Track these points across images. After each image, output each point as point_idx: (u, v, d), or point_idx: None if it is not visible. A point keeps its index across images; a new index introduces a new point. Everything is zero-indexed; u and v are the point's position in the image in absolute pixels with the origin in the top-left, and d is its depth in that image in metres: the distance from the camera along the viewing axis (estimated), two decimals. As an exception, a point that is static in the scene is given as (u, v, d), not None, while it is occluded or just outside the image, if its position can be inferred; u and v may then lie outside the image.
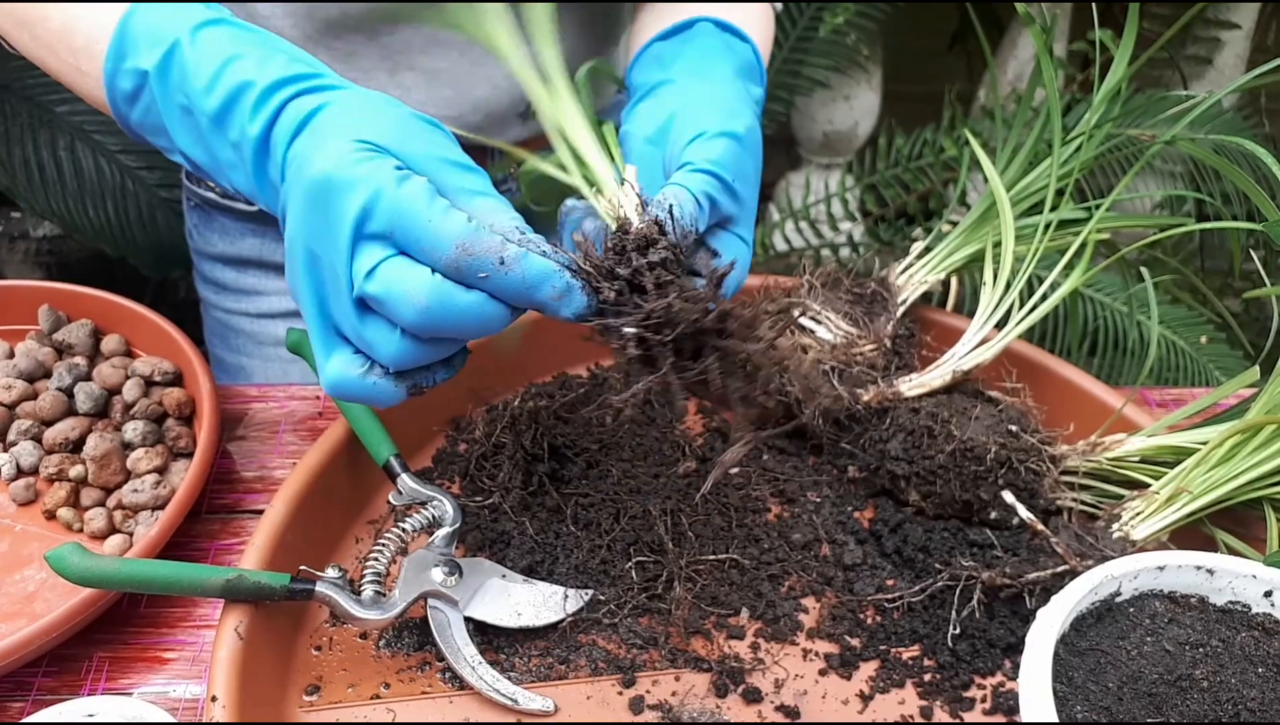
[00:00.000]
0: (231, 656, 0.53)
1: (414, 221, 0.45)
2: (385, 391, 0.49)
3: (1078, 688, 0.46)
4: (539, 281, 0.47)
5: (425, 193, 0.45)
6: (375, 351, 0.47)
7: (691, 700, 0.58)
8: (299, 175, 0.46)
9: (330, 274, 0.46)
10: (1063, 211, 0.72)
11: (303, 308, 0.48)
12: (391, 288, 0.45)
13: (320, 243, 0.46)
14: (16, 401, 0.71)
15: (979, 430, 0.65)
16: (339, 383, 0.48)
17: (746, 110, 0.62)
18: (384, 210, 0.44)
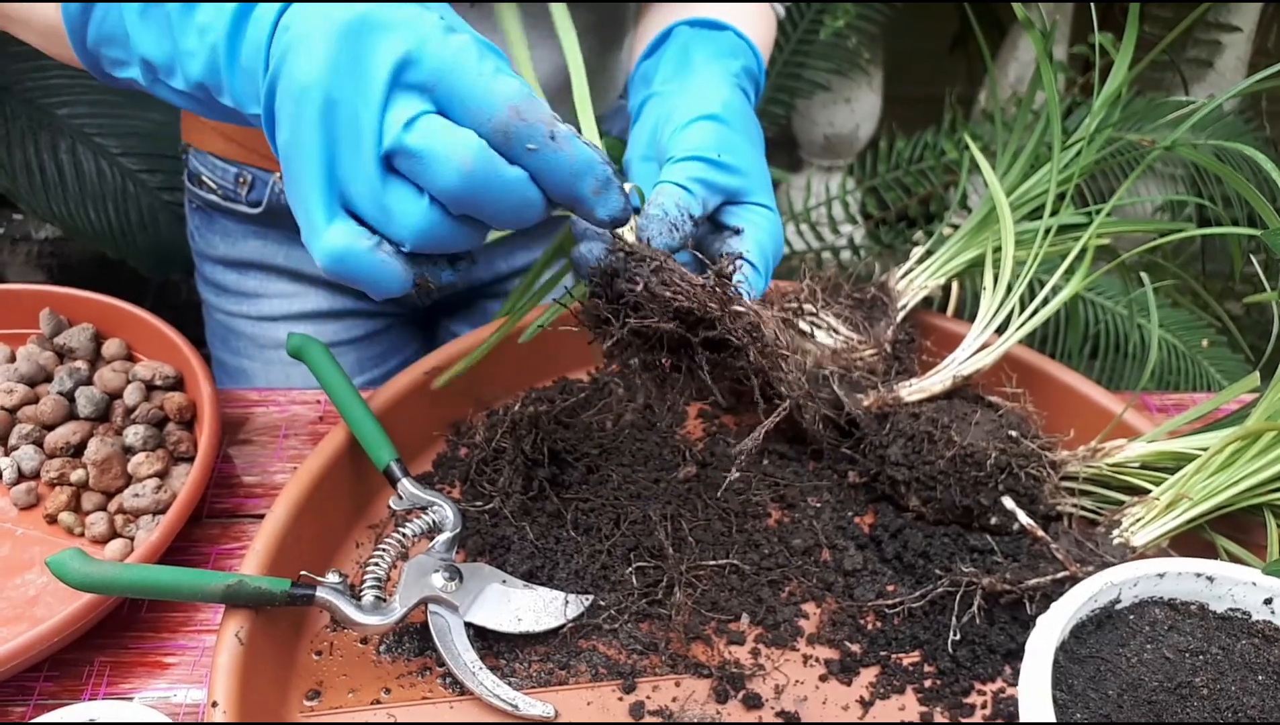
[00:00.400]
0: (232, 662, 0.53)
1: (463, 76, 0.40)
2: (393, 273, 0.43)
3: (1078, 695, 0.46)
4: (585, 169, 0.43)
5: (474, 49, 0.41)
6: (394, 221, 0.42)
7: (692, 706, 0.58)
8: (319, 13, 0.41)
9: (349, 126, 0.41)
10: (1063, 217, 0.72)
11: (301, 166, 0.42)
12: (434, 143, 0.40)
13: (345, 87, 0.40)
14: (18, 405, 0.71)
15: (979, 436, 0.65)
16: (342, 255, 0.42)
17: (722, 86, 0.61)
18: (430, 59, 0.40)
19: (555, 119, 0.42)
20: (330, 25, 0.40)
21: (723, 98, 0.60)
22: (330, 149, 0.41)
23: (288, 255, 0.98)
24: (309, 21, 0.41)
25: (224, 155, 0.92)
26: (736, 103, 0.61)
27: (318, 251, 0.42)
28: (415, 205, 0.42)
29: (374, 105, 0.40)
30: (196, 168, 0.96)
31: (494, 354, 0.75)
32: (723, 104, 0.59)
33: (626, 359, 0.54)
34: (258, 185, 0.92)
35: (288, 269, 0.98)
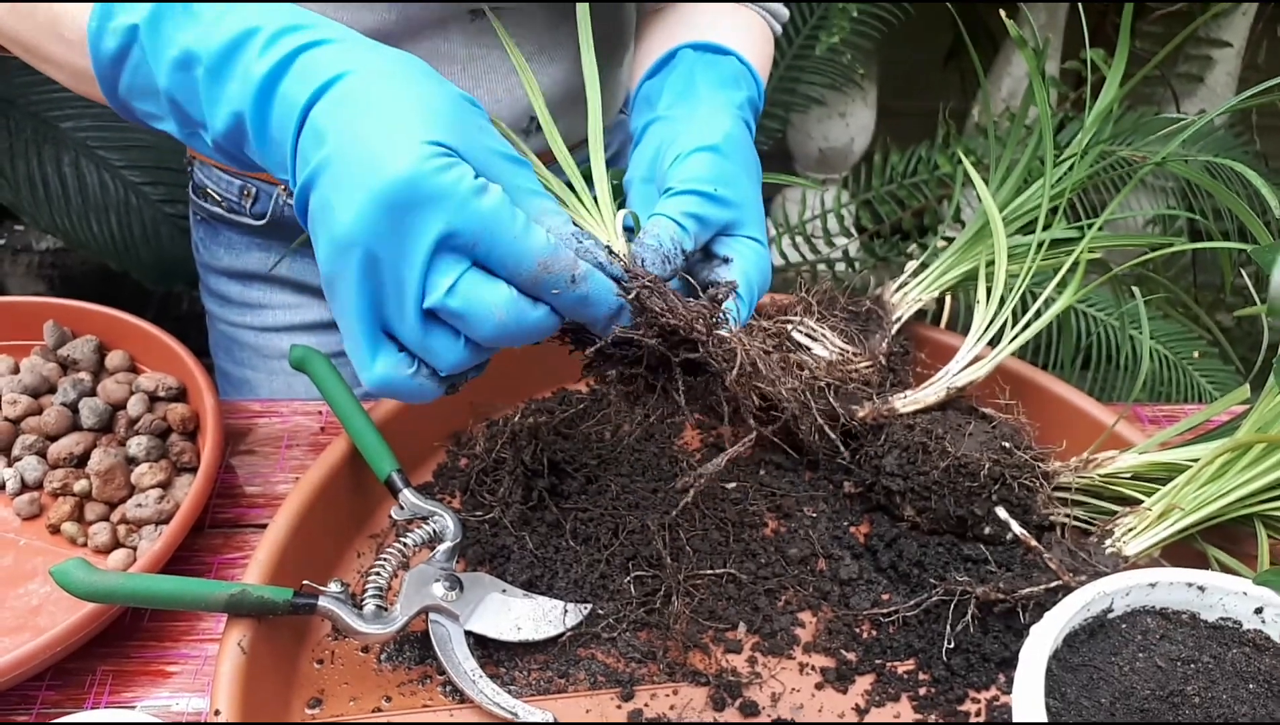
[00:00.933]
0: (234, 670, 0.53)
1: (500, 239, 0.44)
2: (429, 390, 0.49)
3: (1070, 703, 0.47)
4: (600, 300, 0.48)
5: (507, 207, 0.45)
6: (434, 358, 0.47)
7: (689, 714, 0.59)
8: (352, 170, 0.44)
9: (393, 281, 0.45)
10: (1055, 231, 0.73)
11: (345, 304, 0.46)
12: (472, 303, 0.45)
13: (389, 250, 0.44)
14: (21, 416, 0.72)
15: (973, 447, 0.66)
16: (388, 382, 0.47)
17: (725, 118, 0.63)
18: (468, 228, 0.44)
19: (578, 260, 0.47)
20: (370, 190, 0.43)
21: (725, 129, 0.61)
22: (374, 295, 0.45)
23: (291, 266, 0.98)
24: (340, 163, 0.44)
25: (228, 168, 0.93)
26: (737, 134, 0.62)
27: (366, 379, 0.48)
28: (453, 346, 0.47)
29: (417, 269, 0.44)
30: (201, 180, 0.96)
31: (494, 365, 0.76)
32: (724, 136, 0.61)
33: (606, 371, 0.55)
34: (262, 198, 0.93)
35: (291, 280, 0.99)
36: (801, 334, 0.72)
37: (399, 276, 0.44)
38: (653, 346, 0.52)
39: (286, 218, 0.93)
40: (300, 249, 0.97)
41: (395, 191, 0.43)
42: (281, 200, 0.93)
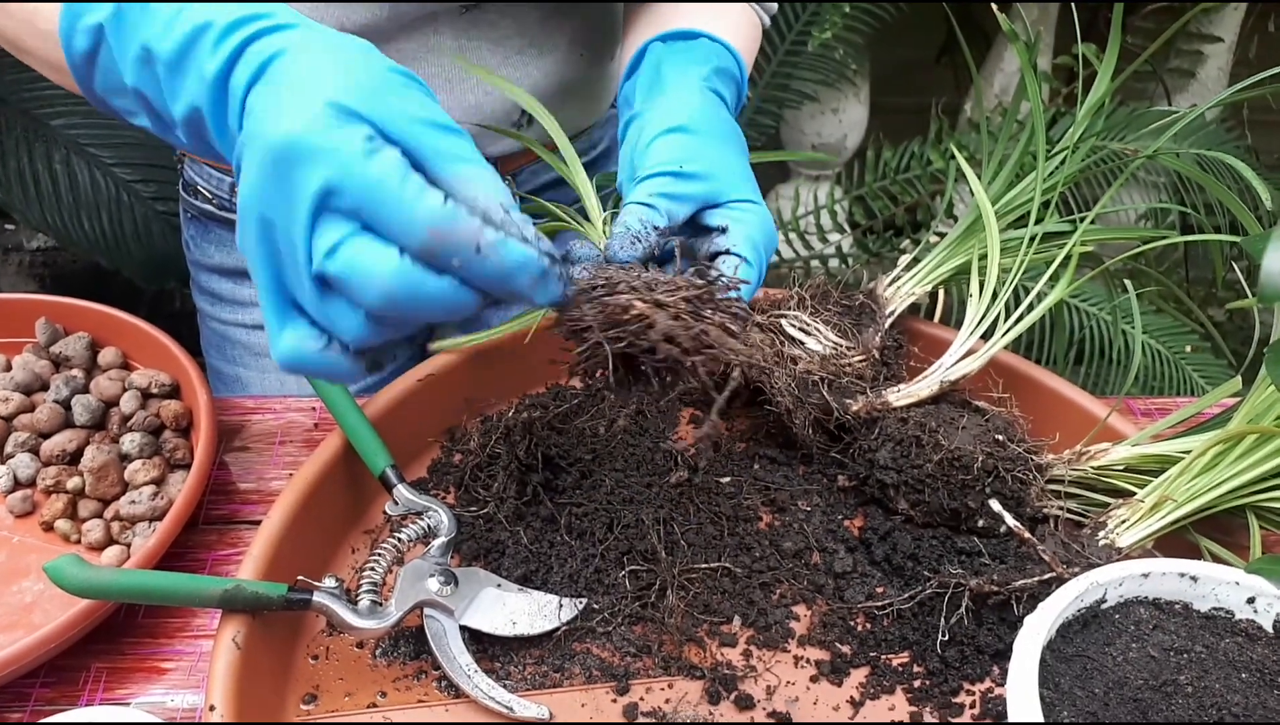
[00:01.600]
0: (229, 666, 0.53)
1: (384, 201, 0.42)
2: (343, 367, 0.47)
3: (1064, 693, 0.47)
4: (516, 270, 0.44)
5: (398, 169, 0.42)
6: (336, 328, 0.45)
7: (684, 708, 0.59)
8: (256, 133, 0.43)
9: (287, 245, 0.43)
10: (1048, 225, 0.73)
11: (254, 274, 0.45)
12: (354, 269, 0.42)
13: (277, 212, 0.43)
14: (14, 414, 0.71)
15: (966, 439, 0.66)
16: (295, 357, 0.45)
17: (690, 95, 0.64)
18: (351, 187, 0.42)
19: (484, 226, 0.43)
20: (260, 148, 0.42)
21: (690, 107, 0.61)
22: (273, 261, 0.44)
23: None
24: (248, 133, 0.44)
25: (219, 166, 0.93)
26: (705, 108, 0.63)
27: (275, 354, 0.46)
28: (351, 317, 0.44)
29: (302, 231, 0.42)
30: (192, 178, 0.96)
31: (488, 360, 0.76)
32: (689, 114, 0.61)
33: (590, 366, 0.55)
34: None
35: None
36: (794, 328, 0.72)
37: (290, 238, 0.43)
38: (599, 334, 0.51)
39: None
40: None
41: (279, 148, 0.42)
42: None
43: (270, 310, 0.45)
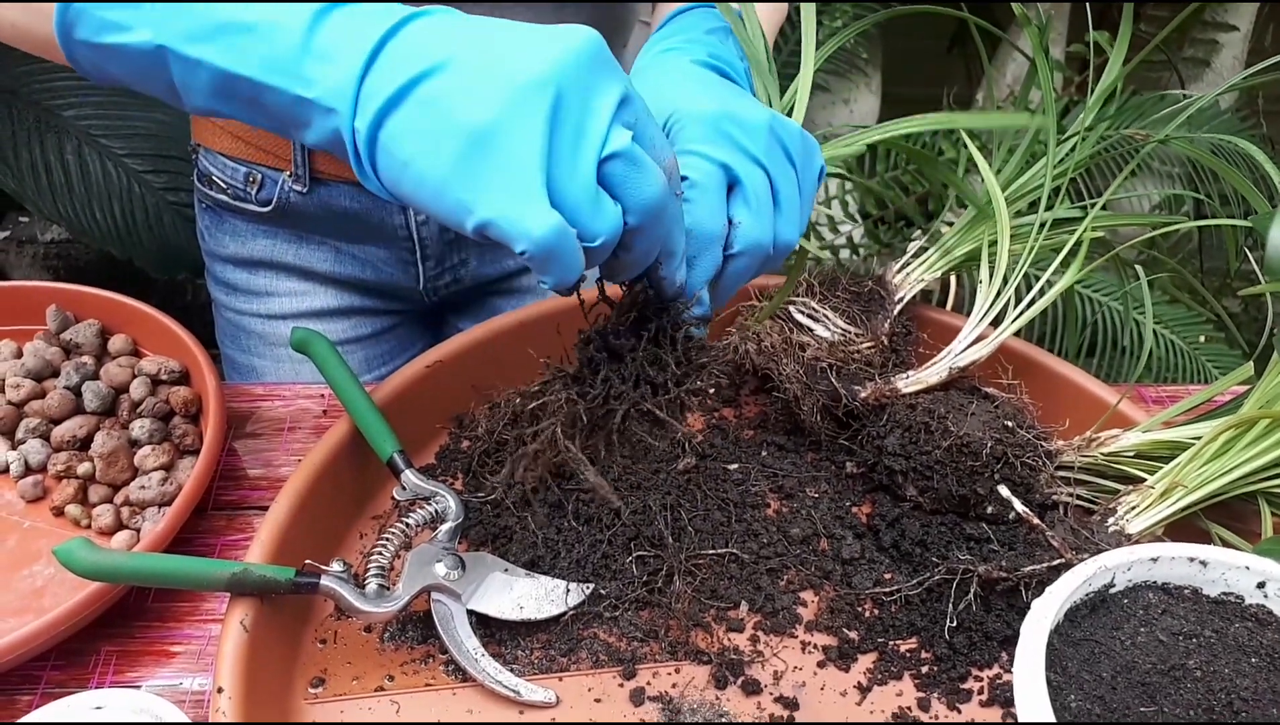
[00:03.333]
0: (237, 649, 0.53)
1: (651, 123, 0.48)
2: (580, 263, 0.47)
3: (1072, 677, 0.47)
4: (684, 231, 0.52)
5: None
6: (601, 218, 0.46)
7: (691, 692, 0.59)
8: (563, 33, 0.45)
9: (575, 131, 0.45)
10: (1058, 210, 0.73)
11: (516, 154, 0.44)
12: (643, 158, 0.46)
13: (578, 98, 0.44)
14: (25, 400, 0.72)
15: (975, 426, 0.66)
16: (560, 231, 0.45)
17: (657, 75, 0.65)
18: (637, 103, 0.47)
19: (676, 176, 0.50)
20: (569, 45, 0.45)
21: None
22: (551, 142, 0.44)
23: (297, 253, 0.98)
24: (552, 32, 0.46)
25: (234, 155, 0.93)
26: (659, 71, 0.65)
27: (539, 224, 0.44)
28: (615, 211, 0.46)
29: (604, 119, 0.45)
30: (206, 168, 0.96)
31: (495, 348, 0.76)
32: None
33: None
34: (267, 184, 0.93)
35: (297, 267, 0.99)
36: (803, 314, 0.72)
37: (582, 123, 0.45)
38: None
39: (292, 205, 0.93)
40: (306, 236, 0.97)
41: (593, 48, 0.45)
42: (288, 186, 0.93)
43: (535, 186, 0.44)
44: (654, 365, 0.55)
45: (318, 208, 0.93)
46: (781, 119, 0.59)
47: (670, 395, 0.56)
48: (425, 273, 1.00)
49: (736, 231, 0.56)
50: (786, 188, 0.58)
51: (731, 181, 0.56)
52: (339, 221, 0.95)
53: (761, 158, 0.57)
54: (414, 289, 1.01)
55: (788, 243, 0.58)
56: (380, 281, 1.00)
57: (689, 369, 0.56)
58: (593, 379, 0.56)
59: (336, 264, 0.99)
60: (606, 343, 0.55)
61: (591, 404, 0.56)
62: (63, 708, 0.56)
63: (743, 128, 0.57)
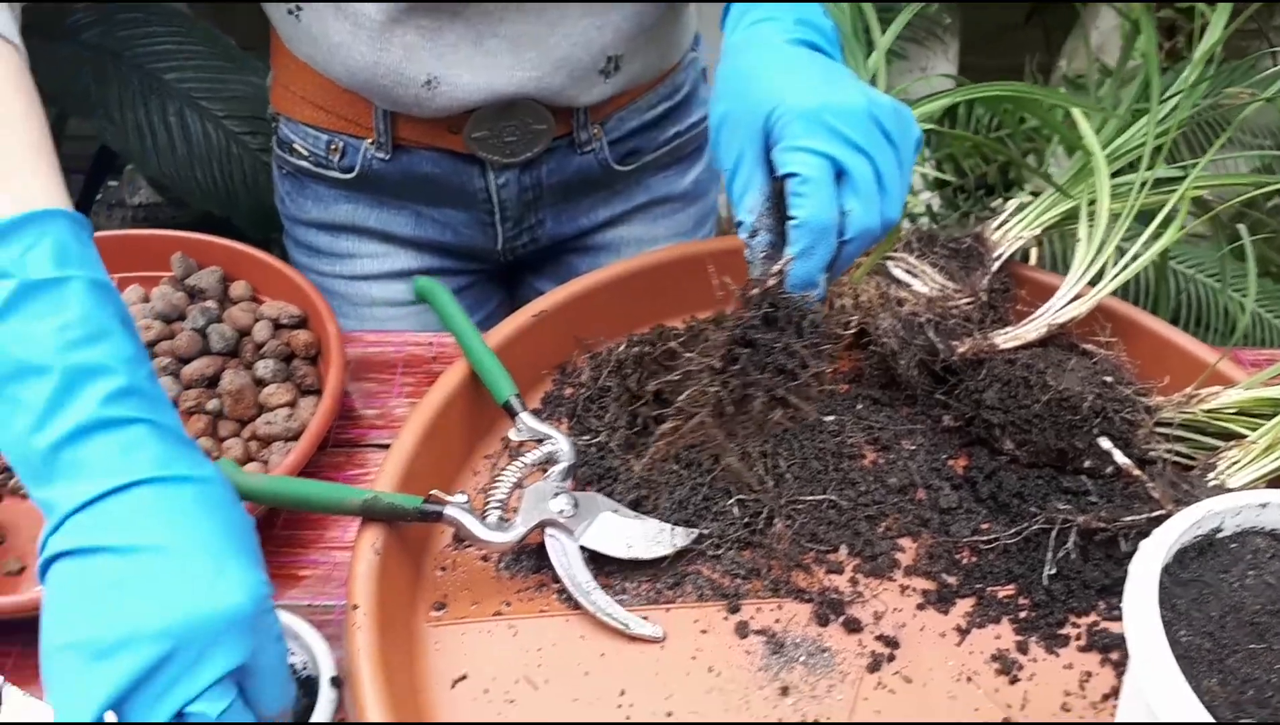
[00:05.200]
0: (369, 570, 0.57)
1: None
2: None
3: (1181, 614, 0.48)
4: None
5: None
6: None
7: (794, 627, 0.61)
8: None
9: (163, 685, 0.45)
10: (1159, 170, 0.73)
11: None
12: None
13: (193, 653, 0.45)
14: (155, 341, 0.76)
15: (1074, 381, 0.67)
16: None
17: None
18: None
19: None
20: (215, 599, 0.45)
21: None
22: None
23: (378, 218, 1.01)
24: None
25: (315, 123, 0.95)
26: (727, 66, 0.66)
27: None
28: None
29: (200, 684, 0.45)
30: (287, 135, 0.99)
31: (597, 301, 0.79)
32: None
33: None
34: (349, 152, 0.95)
35: (379, 231, 1.02)
36: (901, 270, 0.73)
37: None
38: None
39: (375, 171, 0.95)
40: (387, 200, 0.99)
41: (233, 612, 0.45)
42: (370, 154, 0.96)
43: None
44: (786, 353, 0.58)
45: (400, 174, 0.95)
46: (877, 99, 0.61)
47: (800, 380, 0.59)
48: (504, 234, 1.02)
49: (849, 219, 0.59)
50: (889, 169, 0.60)
51: (839, 171, 0.59)
52: (420, 186, 0.97)
53: (864, 145, 0.59)
54: (492, 250, 1.03)
55: (892, 221, 0.61)
56: (459, 243, 1.03)
57: (814, 353, 0.59)
58: (732, 368, 0.60)
59: (417, 227, 1.01)
60: (745, 335, 0.58)
61: (733, 392, 0.60)
62: None
63: (843, 117, 0.59)
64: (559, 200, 1.00)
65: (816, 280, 0.59)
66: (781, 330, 0.59)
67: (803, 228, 0.58)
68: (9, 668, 0.60)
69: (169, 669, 0.44)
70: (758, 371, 0.59)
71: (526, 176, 0.95)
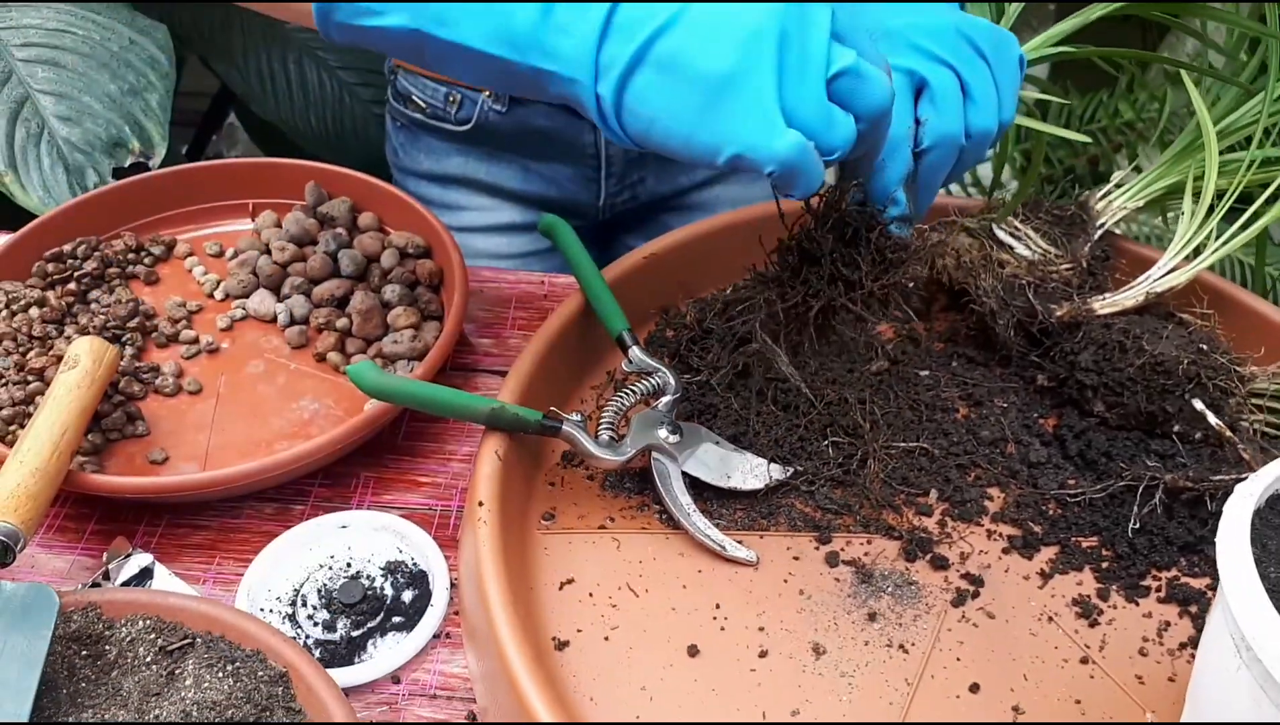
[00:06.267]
0: (493, 472, 0.61)
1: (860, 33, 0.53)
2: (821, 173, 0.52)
3: (1272, 554, 0.50)
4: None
5: None
6: (835, 130, 0.51)
7: (882, 561, 0.64)
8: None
9: (799, 58, 0.49)
10: (1269, 150, 0.74)
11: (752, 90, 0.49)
12: (867, 73, 0.51)
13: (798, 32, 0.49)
14: (288, 262, 0.81)
15: (1169, 347, 0.69)
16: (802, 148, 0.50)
17: None
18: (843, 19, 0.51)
19: None
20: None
21: None
22: (781, 76, 0.50)
23: (489, 171, 1.06)
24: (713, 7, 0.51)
25: (435, 77, 1.00)
26: None
27: (782, 145, 0.50)
28: (847, 122, 0.51)
29: (824, 43, 0.50)
30: (406, 88, 1.04)
31: (702, 248, 0.82)
32: None
33: None
34: (466, 104, 1.00)
35: (488, 184, 1.06)
36: (1005, 233, 0.76)
37: (805, 53, 0.49)
38: None
39: (490, 124, 1.00)
40: (498, 153, 1.03)
41: None
42: (488, 106, 1.00)
43: (773, 116, 0.50)
44: (848, 265, 0.60)
45: (514, 126, 1.00)
46: (970, 18, 0.63)
47: (865, 290, 0.61)
48: (606, 189, 1.06)
49: (925, 129, 0.61)
50: (978, 80, 0.61)
51: (920, 85, 0.61)
52: (533, 139, 1.01)
53: (948, 56, 0.61)
54: (593, 205, 1.07)
55: (985, 130, 0.62)
56: (563, 197, 1.07)
57: (887, 266, 0.62)
58: (793, 280, 0.62)
59: (524, 182, 1.06)
60: (803, 247, 0.60)
61: (790, 304, 0.62)
62: (314, 525, 0.65)
63: (926, 33, 0.61)
64: (663, 158, 1.04)
65: (893, 193, 0.61)
66: (848, 243, 0.61)
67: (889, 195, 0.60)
68: (154, 546, 0.66)
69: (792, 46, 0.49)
70: (817, 281, 0.62)
71: None
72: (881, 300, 0.64)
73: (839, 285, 0.62)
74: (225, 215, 0.89)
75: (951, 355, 0.79)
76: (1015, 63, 0.64)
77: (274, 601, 0.62)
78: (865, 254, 0.61)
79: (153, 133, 1.00)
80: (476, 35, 0.52)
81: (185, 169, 0.89)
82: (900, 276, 0.63)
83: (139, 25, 1.05)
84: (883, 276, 0.62)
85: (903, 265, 0.63)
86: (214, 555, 0.65)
